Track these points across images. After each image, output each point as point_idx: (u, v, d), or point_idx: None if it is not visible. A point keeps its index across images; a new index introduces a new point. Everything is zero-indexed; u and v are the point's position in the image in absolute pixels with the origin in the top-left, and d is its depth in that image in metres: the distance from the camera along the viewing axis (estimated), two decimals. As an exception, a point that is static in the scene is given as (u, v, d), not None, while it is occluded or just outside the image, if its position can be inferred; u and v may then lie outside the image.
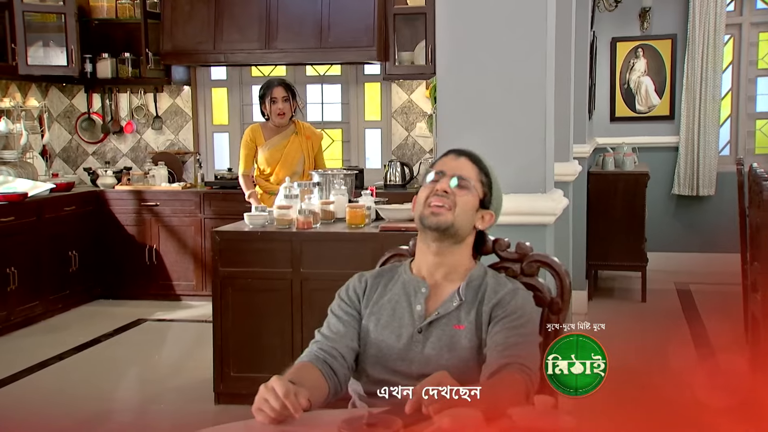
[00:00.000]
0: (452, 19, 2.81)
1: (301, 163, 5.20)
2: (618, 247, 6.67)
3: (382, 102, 7.12)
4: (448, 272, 2.13)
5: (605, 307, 6.58)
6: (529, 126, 2.76)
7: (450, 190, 2.10)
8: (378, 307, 2.13)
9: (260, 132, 5.24)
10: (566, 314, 2.22)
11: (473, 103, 2.80)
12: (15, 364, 5.15)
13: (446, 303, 2.08)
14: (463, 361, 2.02)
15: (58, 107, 7.40)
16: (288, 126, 5.24)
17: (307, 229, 4.31)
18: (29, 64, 6.47)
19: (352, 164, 7.09)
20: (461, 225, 2.11)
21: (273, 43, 6.60)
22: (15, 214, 5.93)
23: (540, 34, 2.75)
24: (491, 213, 2.17)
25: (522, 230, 2.76)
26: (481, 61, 2.79)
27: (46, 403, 4.58)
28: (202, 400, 4.47)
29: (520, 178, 2.77)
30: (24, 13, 6.39)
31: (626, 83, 7.92)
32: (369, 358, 2.09)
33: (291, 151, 5.20)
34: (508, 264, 2.27)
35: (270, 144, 5.20)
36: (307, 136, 5.26)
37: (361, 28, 6.44)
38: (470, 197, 2.12)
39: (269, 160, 5.20)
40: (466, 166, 2.14)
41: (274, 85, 5.18)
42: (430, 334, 2.06)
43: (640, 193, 6.68)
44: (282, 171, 5.16)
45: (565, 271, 2.23)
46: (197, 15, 6.71)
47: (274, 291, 4.33)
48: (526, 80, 2.76)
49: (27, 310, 6.01)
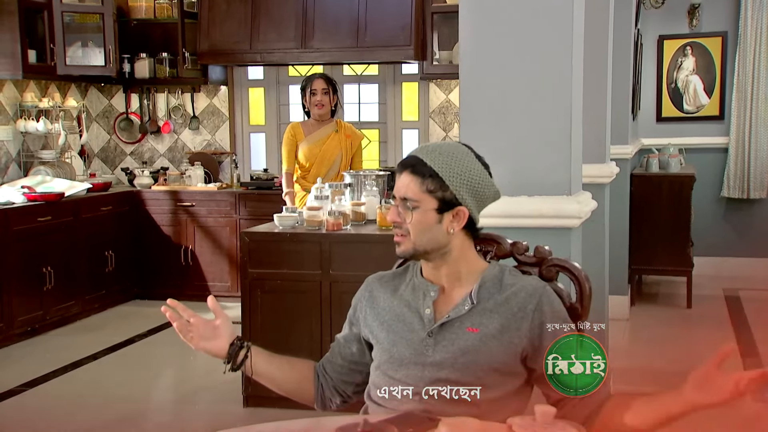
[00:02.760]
0: (475, 18, 2.73)
1: (339, 161, 5.19)
2: (662, 251, 6.49)
3: (420, 102, 7.02)
4: (455, 278, 2.05)
5: (648, 312, 6.42)
6: (554, 127, 2.66)
7: (398, 219, 2.01)
8: (387, 311, 2.08)
9: (300, 128, 5.22)
10: (586, 320, 2.13)
11: (496, 104, 2.72)
12: (50, 363, 5.18)
13: (458, 306, 2.00)
14: (478, 364, 1.94)
15: (97, 107, 7.45)
16: (329, 122, 5.23)
17: (337, 231, 4.27)
18: (68, 65, 6.51)
19: (389, 165, 7.00)
20: (425, 243, 2.00)
21: (309, 43, 6.56)
22: (52, 213, 5.96)
23: (566, 33, 2.65)
24: (462, 208, 2.00)
25: (545, 233, 2.67)
26: (505, 60, 2.71)
27: (79, 403, 4.58)
28: (231, 402, 4.46)
29: (543, 180, 2.67)
30: (63, 14, 6.43)
31: (674, 82, 7.71)
32: (381, 364, 2.04)
33: (330, 147, 5.18)
34: (526, 268, 2.20)
35: (310, 139, 5.19)
36: (347, 135, 5.25)
37: (398, 26, 6.37)
38: (419, 214, 1.99)
39: (308, 156, 5.18)
40: (407, 182, 2.00)
41: (315, 78, 5.18)
42: (442, 337, 1.98)
43: (686, 195, 6.48)
44: (319, 167, 5.16)
45: (584, 276, 2.14)
46: (234, 14, 6.69)
47: (303, 293, 4.29)
48: (551, 80, 2.66)
49: (63, 309, 6.05)
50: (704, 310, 6.42)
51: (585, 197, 2.76)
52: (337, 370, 2.17)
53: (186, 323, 2.10)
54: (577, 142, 2.76)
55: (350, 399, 2.18)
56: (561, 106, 2.63)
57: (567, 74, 2.62)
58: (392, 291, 2.11)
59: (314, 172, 5.15)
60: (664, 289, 7.17)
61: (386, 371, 2.02)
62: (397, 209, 2.01)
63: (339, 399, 2.17)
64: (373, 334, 2.09)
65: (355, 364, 2.16)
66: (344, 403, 2.18)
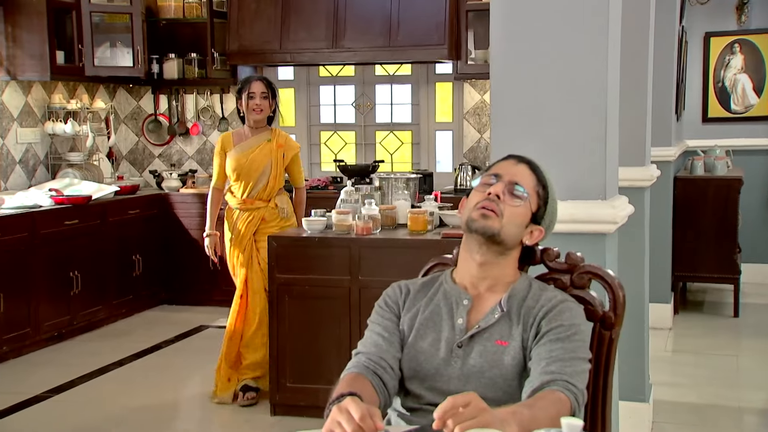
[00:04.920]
0: (507, 20, 2.65)
1: (267, 172, 4.61)
2: (708, 257, 6.27)
3: (454, 102, 6.84)
4: (491, 284, 2.01)
5: (693, 321, 6.21)
6: (589, 130, 2.57)
7: (503, 197, 1.98)
8: (418, 318, 2.02)
9: (230, 138, 4.69)
10: (619, 330, 2.06)
11: (529, 107, 2.64)
12: (76, 369, 5.14)
13: (488, 316, 1.96)
14: (506, 379, 1.90)
15: (125, 109, 7.38)
16: (264, 131, 4.67)
17: (366, 235, 4.18)
18: (96, 66, 6.45)
19: (422, 167, 6.85)
20: (508, 235, 1.98)
21: (340, 42, 6.42)
22: (79, 216, 5.89)
23: (601, 34, 2.56)
24: (541, 229, 2.04)
25: (579, 239, 2.57)
26: (538, 62, 2.62)
27: (104, 410, 4.53)
28: (259, 411, 4.42)
29: (577, 184, 2.59)
30: (91, 14, 6.37)
31: (721, 81, 7.46)
32: (406, 372, 1.99)
33: (258, 157, 4.60)
34: (557, 275, 2.12)
35: (238, 149, 4.63)
36: (279, 144, 4.66)
37: (431, 25, 6.21)
38: (522, 208, 1.99)
39: (234, 166, 4.61)
40: (524, 174, 2.02)
41: (254, 80, 4.64)
42: (471, 349, 1.94)
43: (733, 199, 6.25)
44: (246, 178, 4.61)
45: (618, 284, 2.06)
46: (264, 14, 6.58)
47: (332, 299, 4.21)
48: (586, 82, 2.58)
49: (90, 314, 5.99)
50: (752, 319, 6.22)
51: (620, 202, 2.66)
52: (390, 365, 1.97)
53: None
54: (613, 146, 2.67)
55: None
56: (596, 109, 2.56)
57: (602, 76, 2.55)
58: (427, 299, 2.05)
59: (240, 185, 4.65)
60: (710, 297, 6.95)
61: (412, 380, 1.98)
62: (504, 189, 1.97)
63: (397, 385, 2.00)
64: (405, 334, 2.02)
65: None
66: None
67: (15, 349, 5.37)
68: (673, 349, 5.52)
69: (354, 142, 7.19)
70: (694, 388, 4.73)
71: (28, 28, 6.02)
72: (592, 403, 2.04)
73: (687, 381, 4.85)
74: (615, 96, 2.73)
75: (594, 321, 2.04)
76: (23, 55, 6.05)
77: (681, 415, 4.33)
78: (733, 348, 5.53)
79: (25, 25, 6.02)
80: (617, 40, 2.76)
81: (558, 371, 1.80)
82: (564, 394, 1.77)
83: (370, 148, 7.16)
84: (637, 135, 3.98)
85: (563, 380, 1.79)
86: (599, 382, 2.04)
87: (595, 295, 2.06)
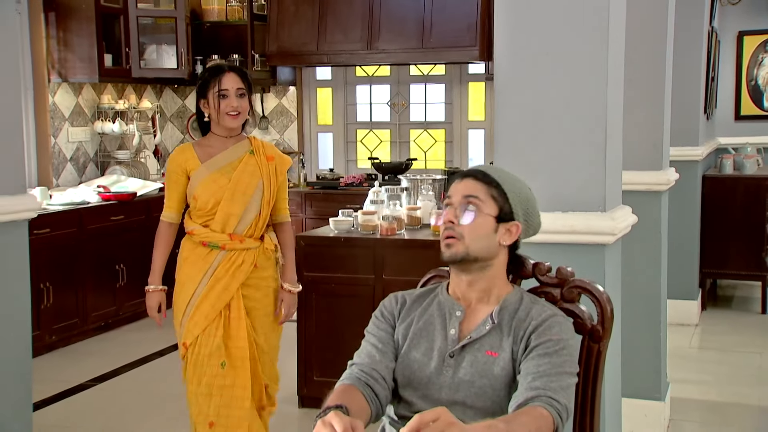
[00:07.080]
0: (510, 33, 2.68)
1: (259, 195, 3.32)
2: (736, 254, 6.31)
3: (486, 102, 6.97)
4: (482, 296, 2.04)
5: (720, 317, 6.25)
6: (589, 142, 2.59)
7: (455, 220, 1.99)
8: (412, 328, 2.06)
9: (192, 152, 3.33)
10: (607, 342, 2.11)
11: (531, 119, 2.66)
12: (119, 359, 5.37)
13: (479, 327, 1.99)
14: (495, 389, 1.93)
15: (171, 108, 7.64)
16: (238, 140, 3.36)
17: (391, 236, 4.28)
18: (142, 68, 6.71)
19: (455, 165, 6.98)
20: (478, 250, 1.99)
21: (375, 44, 6.58)
22: (125, 212, 6.16)
23: (601, 46, 2.57)
24: (517, 223, 2.02)
25: (579, 249, 2.61)
26: (539, 75, 2.65)
27: (143, 399, 4.72)
28: (287, 403, 4.48)
29: (577, 196, 2.61)
30: (138, 19, 6.62)
31: (754, 79, 7.45)
32: (400, 380, 2.03)
33: (244, 175, 3.29)
34: (548, 289, 2.17)
35: (209, 166, 3.29)
36: (268, 157, 3.37)
37: (463, 27, 6.33)
38: (480, 219, 1.99)
39: (211, 191, 3.27)
40: (469, 186, 2.01)
41: (225, 72, 3.27)
42: (462, 359, 1.97)
43: (762, 197, 6.28)
44: (230, 207, 3.29)
45: (606, 299, 2.10)
46: (302, 16, 6.77)
47: (357, 297, 4.32)
48: (586, 94, 2.59)
49: (134, 305, 6.23)
50: (780, 317, 6.22)
51: (621, 213, 2.70)
52: (383, 376, 2.01)
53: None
54: (614, 157, 2.70)
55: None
56: (596, 120, 2.57)
57: (602, 88, 2.56)
58: (422, 310, 2.09)
59: (222, 216, 3.28)
60: (740, 292, 6.96)
61: (405, 388, 2.02)
62: (455, 210, 2.00)
63: (389, 396, 2.05)
64: (399, 343, 2.07)
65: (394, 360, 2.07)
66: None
67: (63, 339, 5.65)
68: (699, 346, 5.58)
69: (389, 140, 7.35)
70: (716, 385, 4.77)
71: (78, 32, 6.29)
72: (581, 413, 2.09)
73: (709, 378, 4.89)
74: (616, 108, 2.75)
75: (583, 334, 2.08)
76: (74, 58, 6.31)
77: (700, 413, 4.36)
78: (758, 345, 5.55)
79: (75, 30, 6.29)
80: (619, 55, 2.78)
81: (543, 387, 1.82)
82: (546, 410, 1.77)
83: (404, 146, 7.32)
84: (654, 138, 3.94)
85: (547, 396, 1.80)
86: (588, 393, 2.09)
87: (585, 309, 2.09)
